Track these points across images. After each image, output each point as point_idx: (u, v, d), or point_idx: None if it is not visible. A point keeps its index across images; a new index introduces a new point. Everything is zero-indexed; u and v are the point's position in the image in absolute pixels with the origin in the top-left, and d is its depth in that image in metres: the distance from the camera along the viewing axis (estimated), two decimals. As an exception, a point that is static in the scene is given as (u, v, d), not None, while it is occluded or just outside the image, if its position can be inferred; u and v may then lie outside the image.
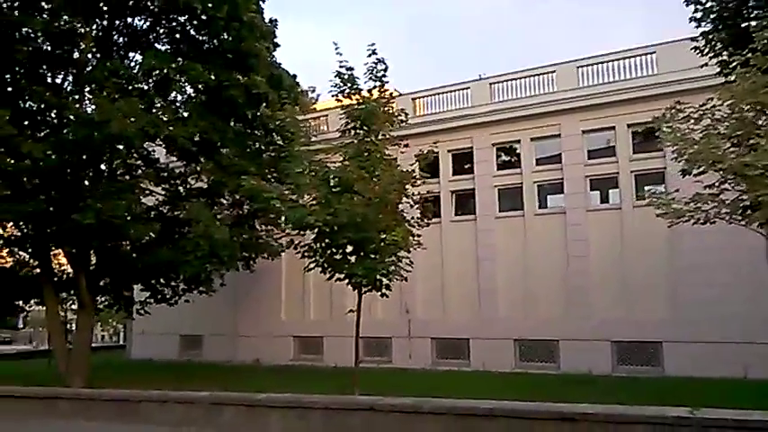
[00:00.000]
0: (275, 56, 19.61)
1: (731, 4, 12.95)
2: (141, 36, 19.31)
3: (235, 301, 26.25)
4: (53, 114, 18.06)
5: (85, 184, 17.94)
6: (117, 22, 19.16)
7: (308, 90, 21.02)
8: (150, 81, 18.99)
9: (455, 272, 23.03)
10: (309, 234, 13.56)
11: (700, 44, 13.73)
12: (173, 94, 19.52)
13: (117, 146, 16.48)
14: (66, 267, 21.85)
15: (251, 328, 26.24)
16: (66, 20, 17.30)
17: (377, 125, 13.49)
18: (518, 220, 22.41)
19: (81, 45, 17.53)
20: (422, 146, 16.27)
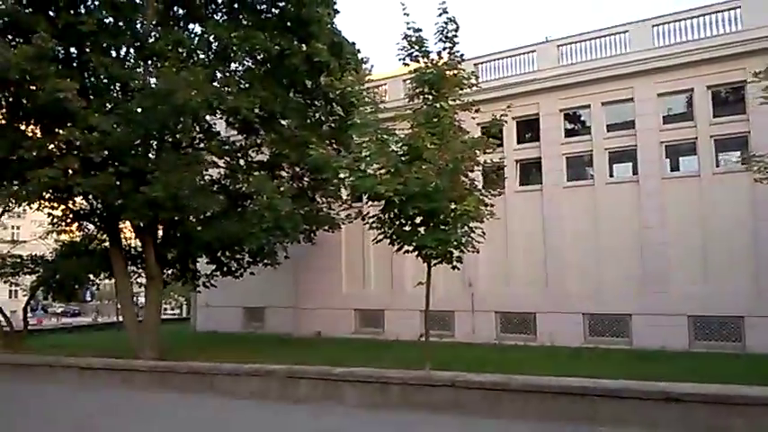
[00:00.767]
0: (335, 23, 19.07)
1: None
2: (200, 7, 19.09)
3: (296, 273, 26.34)
4: (117, 87, 18.10)
5: (151, 156, 18.02)
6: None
7: (363, 59, 20.35)
8: (210, 52, 18.87)
9: (520, 244, 22.37)
10: (370, 206, 13.01)
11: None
12: (233, 64, 19.37)
13: (182, 117, 16.38)
14: (133, 241, 22.25)
15: (312, 300, 26.32)
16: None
17: (447, 89, 12.81)
18: (588, 190, 21.50)
19: (143, 16, 17.43)
20: (485, 113, 15.56)
